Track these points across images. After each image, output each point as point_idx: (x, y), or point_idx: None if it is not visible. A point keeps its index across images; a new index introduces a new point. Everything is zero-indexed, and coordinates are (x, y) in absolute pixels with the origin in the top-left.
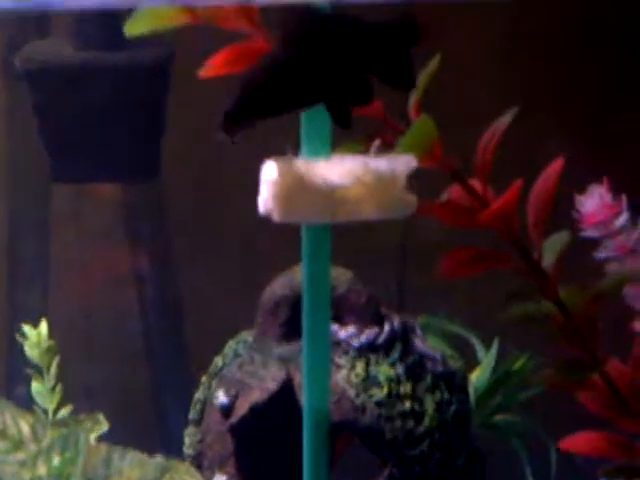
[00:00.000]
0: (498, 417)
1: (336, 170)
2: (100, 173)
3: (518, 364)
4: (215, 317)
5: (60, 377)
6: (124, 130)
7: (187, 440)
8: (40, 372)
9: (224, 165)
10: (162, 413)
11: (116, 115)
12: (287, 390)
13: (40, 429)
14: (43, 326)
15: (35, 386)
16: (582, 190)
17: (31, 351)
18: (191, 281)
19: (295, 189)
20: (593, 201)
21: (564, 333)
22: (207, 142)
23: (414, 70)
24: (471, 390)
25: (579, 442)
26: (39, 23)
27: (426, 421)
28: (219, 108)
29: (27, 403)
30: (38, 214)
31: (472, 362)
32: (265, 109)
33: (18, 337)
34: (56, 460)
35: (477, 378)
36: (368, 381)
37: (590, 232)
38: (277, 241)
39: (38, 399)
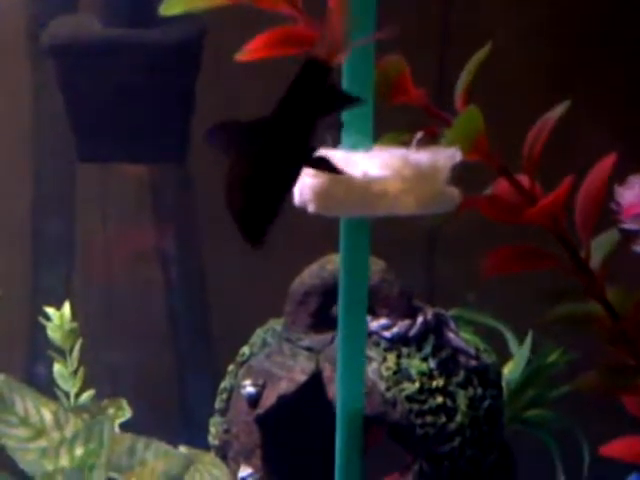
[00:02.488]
0: (530, 412)
1: (375, 163)
2: (127, 153)
3: (552, 358)
4: (241, 301)
5: (83, 359)
6: (152, 110)
7: (212, 430)
8: (62, 355)
9: None
10: (185, 397)
11: (144, 94)
12: (316, 382)
13: (63, 417)
14: (66, 308)
15: (57, 369)
16: (621, 181)
17: (54, 333)
18: (217, 263)
19: (332, 181)
20: (633, 192)
21: (610, 335)
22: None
23: None
24: (503, 384)
25: (620, 447)
26: None
27: (458, 417)
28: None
29: (49, 386)
30: (63, 194)
31: (504, 354)
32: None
33: (41, 319)
34: (79, 450)
35: (510, 372)
36: (399, 374)
37: (630, 224)
38: (311, 226)
39: (60, 382)
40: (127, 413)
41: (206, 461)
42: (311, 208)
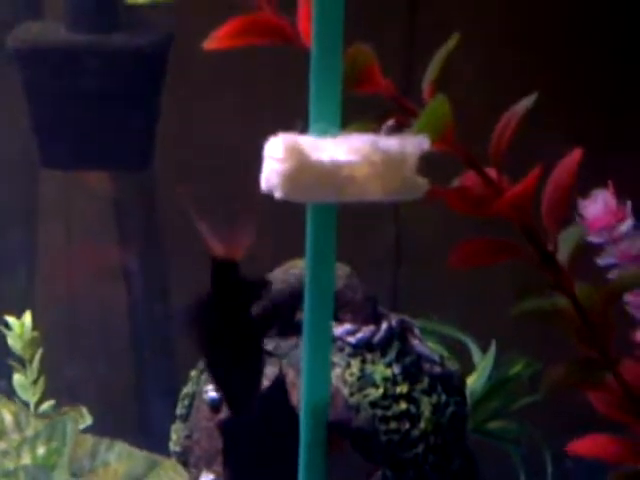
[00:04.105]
0: (493, 423)
1: (344, 148)
2: (90, 160)
3: (515, 369)
4: None
5: (43, 371)
6: (116, 116)
7: (174, 436)
8: (23, 364)
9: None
10: (146, 411)
11: (108, 100)
12: (279, 387)
13: (24, 419)
14: (27, 317)
15: (17, 378)
16: (586, 194)
17: (14, 342)
18: (180, 279)
19: (300, 166)
20: (597, 206)
21: (577, 331)
22: (204, 130)
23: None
24: (467, 395)
25: (588, 444)
26: (32, 4)
27: (422, 423)
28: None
29: (8, 397)
30: (25, 202)
31: (468, 367)
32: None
33: (1, 328)
34: (41, 449)
35: (473, 382)
36: (363, 380)
37: (593, 238)
38: (273, 239)
39: (20, 392)
40: (87, 420)
41: (167, 466)
42: (278, 194)
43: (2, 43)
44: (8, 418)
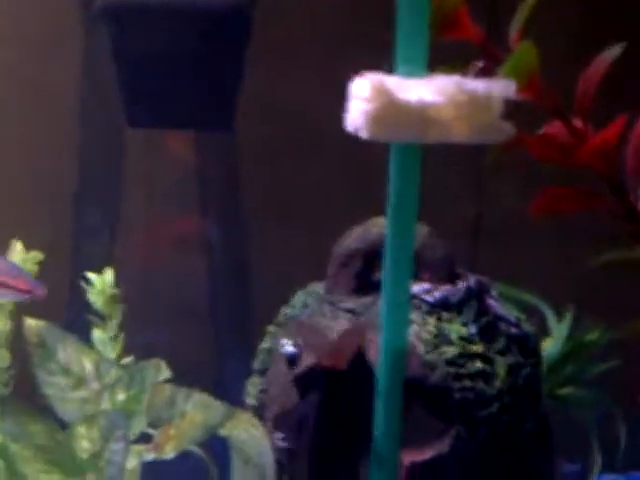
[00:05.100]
0: (567, 389)
1: (430, 88)
2: (176, 119)
3: (592, 336)
4: (283, 284)
5: (122, 329)
6: (202, 77)
7: (250, 390)
8: (103, 320)
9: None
10: (222, 380)
11: (195, 60)
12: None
13: (104, 367)
14: (108, 274)
15: (97, 334)
16: None
17: (95, 298)
18: (261, 245)
19: (387, 105)
20: None
21: None
22: (288, 94)
23: None
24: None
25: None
26: None
27: (497, 383)
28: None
29: None
30: (110, 163)
31: (544, 334)
32: None
33: (82, 284)
34: (121, 396)
35: (549, 348)
36: (439, 338)
37: None
38: (350, 207)
39: (100, 347)
40: (165, 373)
41: (244, 419)
42: (363, 134)
43: (91, 2)
44: (89, 366)
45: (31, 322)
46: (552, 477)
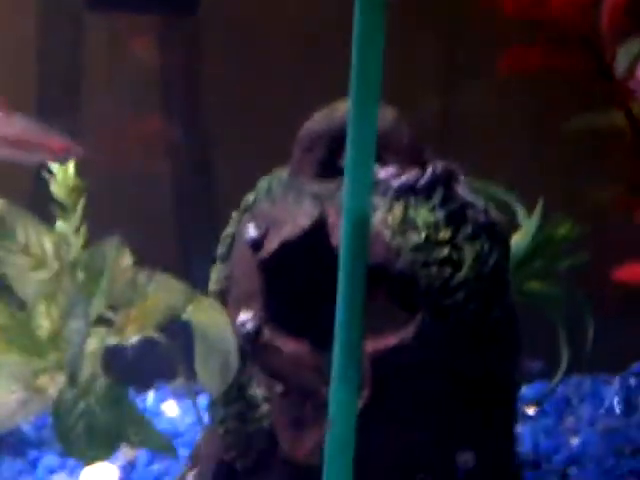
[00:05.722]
0: (536, 284)
1: None
2: (137, 3)
3: (561, 230)
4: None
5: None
6: None
7: (213, 276)
8: (65, 212)
9: None
10: (187, 256)
11: None
12: (320, 228)
13: (65, 248)
14: (70, 165)
15: (59, 225)
16: None
17: (57, 189)
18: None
19: None
20: None
21: (632, 148)
22: None
23: None
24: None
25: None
26: None
27: (464, 270)
28: None
29: None
30: (68, 54)
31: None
32: None
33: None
34: (80, 276)
35: (517, 242)
36: (405, 224)
37: None
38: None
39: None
40: (126, 256)
41: (205, 302)
42: None
43: None
44: (49, 247)
45: None
46: (517, 369)
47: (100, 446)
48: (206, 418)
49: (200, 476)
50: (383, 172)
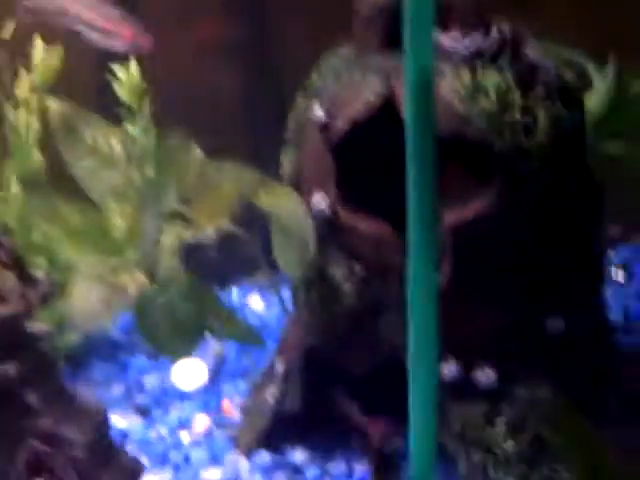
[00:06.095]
0: (616, 144)
1: None
2: None
3: (637, 86)
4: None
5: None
6: None
7: (284, 161)
8: (132, 114)
9: None
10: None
11: None
12: (388, 103)
13: (132, 146)
14: (133, 66)
15: (129, 128)
16: None
17: (122, 91)
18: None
19: None
20: None
21: None
22: None
23: None
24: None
25: None
26: None
27: (538, 135)
28: None
29: None
30: None
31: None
32: None
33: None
34: (149, 171)
35: (591, 102)
36: (474, 90)
37: None
38: None
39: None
40: (195, 151)
41: (277, 188)
42: None
43: None
44: (117, 146)
45: (54, 104)
46: (601, 234)
47: (185, 340)
48: (290, 307)
49: (288, 362)
50: (446, 38)
